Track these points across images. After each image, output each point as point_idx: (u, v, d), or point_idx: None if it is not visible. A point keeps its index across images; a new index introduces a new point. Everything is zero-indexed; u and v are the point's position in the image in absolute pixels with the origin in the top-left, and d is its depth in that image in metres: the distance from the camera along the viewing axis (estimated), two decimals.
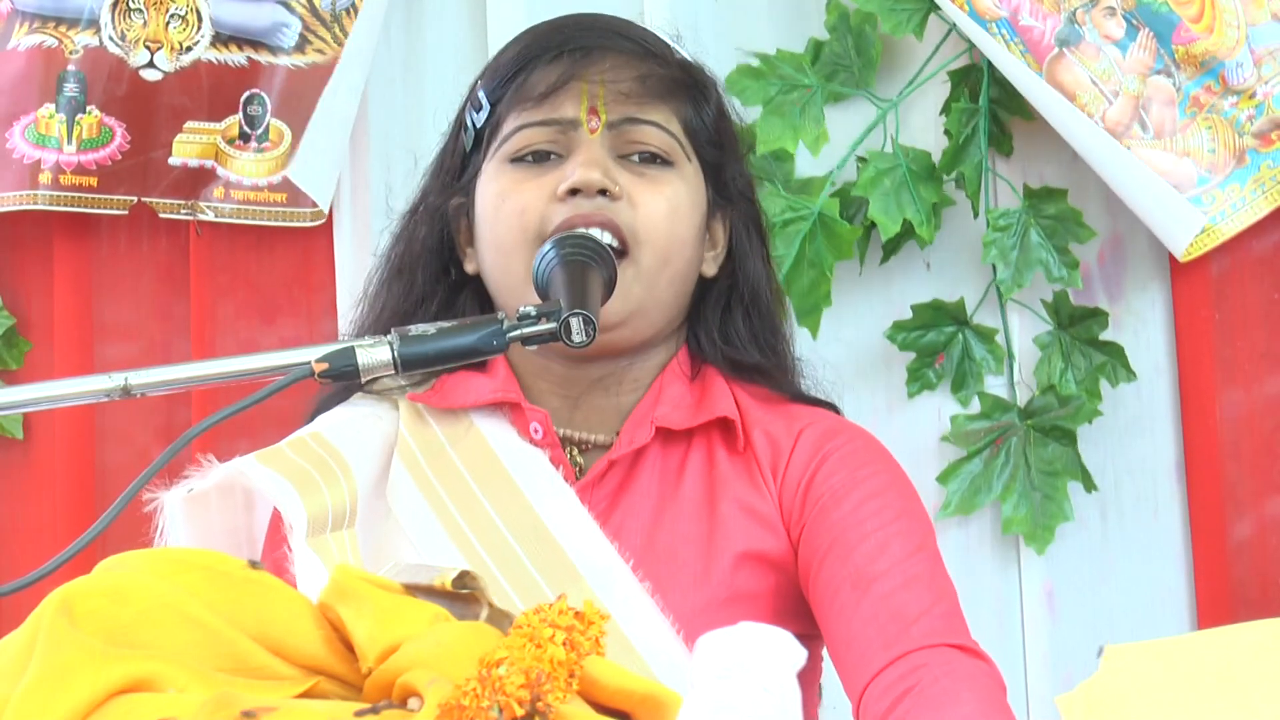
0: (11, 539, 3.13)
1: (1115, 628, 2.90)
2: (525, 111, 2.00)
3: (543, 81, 2.00)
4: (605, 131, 2.00)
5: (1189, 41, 2.83)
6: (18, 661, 1.36)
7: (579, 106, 2.00)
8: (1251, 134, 2.83)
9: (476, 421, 2.03)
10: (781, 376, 2.07)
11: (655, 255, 1.98)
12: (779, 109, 2.95)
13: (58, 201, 3.06)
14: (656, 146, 2.01)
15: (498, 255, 2.01)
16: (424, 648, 1.36)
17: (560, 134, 2.00)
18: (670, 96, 2.02)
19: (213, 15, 3.07)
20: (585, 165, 1.97)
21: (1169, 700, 1.34)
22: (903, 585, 1.90)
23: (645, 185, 2.00)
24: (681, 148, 2.02)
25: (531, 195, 1.98)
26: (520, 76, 2.01)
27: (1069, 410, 2.88)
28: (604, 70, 2.00)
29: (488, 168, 2.02)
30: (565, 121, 2.00)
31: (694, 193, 2.03)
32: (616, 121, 2.00)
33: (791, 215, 2.92)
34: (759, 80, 2.95)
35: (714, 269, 2.07)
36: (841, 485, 1.97)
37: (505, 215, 1.99)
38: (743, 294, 2.07)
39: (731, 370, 2.05)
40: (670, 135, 2.02)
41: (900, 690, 1.83)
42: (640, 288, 1.98)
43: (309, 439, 2.00)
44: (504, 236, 1.99)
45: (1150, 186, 2.81)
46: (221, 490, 1.97)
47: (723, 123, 2.08)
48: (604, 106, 1.99)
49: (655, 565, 1.94)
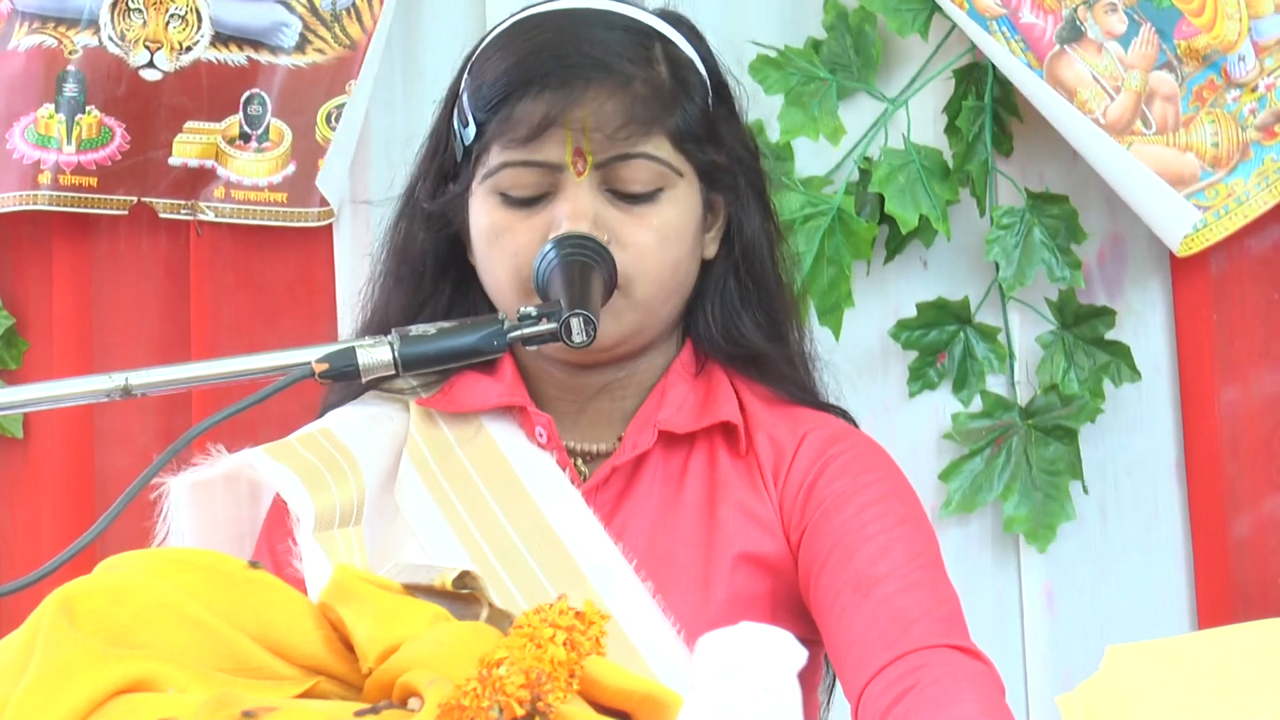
0: (11, 539, 3.13)
1: (1115, 627, 2.90)
2: (510, 150, 1.96)
3: (525, 122, 1.95)
4: (592, 173, 1.97)
5: (1191, 35, 2.82)
6: (18, 661, 1.36)
7: (564, 150, 1.96)
8: (1255, 127, 2.83)
9: (486, 424, 2.03)
10: (782, 371, 2.06)
11: (647, 287, 1.97)
12: (799, 99, 2.95)
13: (58, 202, 3.06)
14: (645, 180, 1.97)
15: (493, 285, 2.01)
16: (424, 648, 1.36)
17: (546, 175, 1.96)
18: (656, 121, 1.98)
19: (212, 15, 3.07)
20: (572, 217, 1.94)
21: (1169, 700, 1.34)
22: (904, 588, 1.90)
23: (634, 222, 1.96)
24: (672, 169, 1.98)
25: (523, 238, 1.96)
26: (506, 107, 1.96)
27: (1071, 410, 2.88)
28: (586, 109, 1.95)
29: (479, 189, 2.00)
30: (551, 165, 1.96)
31: (686, 208, 2.00)
32: (604, 162, 1.96)
33: (811, 211, 2.91)
34: (780, 70, 2.94)
35: (714, 249, 2.05)
36: (844, 491, 1.96)
37: (499, 254, 1.98)
38: (736, 261, 2.04)
39: (734, 363, 2.04)
40: (660, 163, 1.98)
41: (900, 690, 1.83)
42: (635, 315, 1.97)
43: (319, 435, 1.99)
44: (498, 273, 1.99)
45: (1147, 184, 2.81)
46: (228, 480, 1.98)
47: (710, 109, 2.03)
48: (589, 148, 1.95)
49: (656, 568, 1.94)
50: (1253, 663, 1.35)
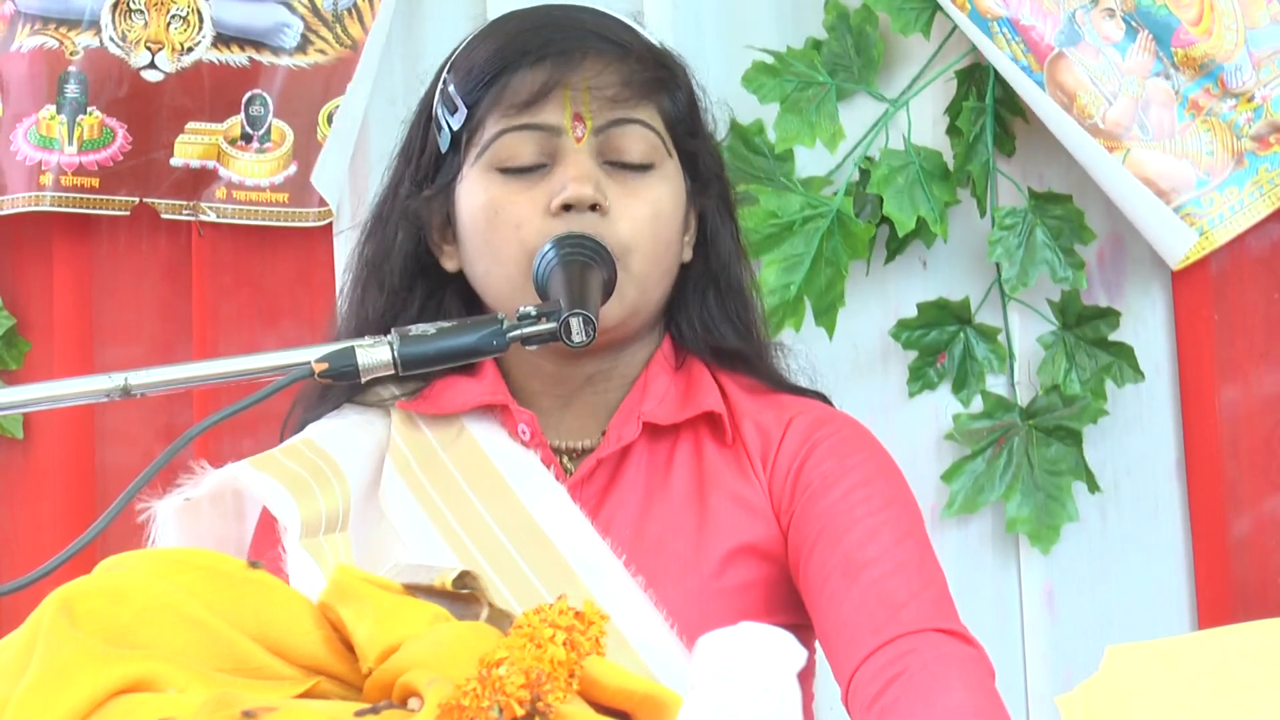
0: (11, 539, 3.13)
1: (1115, 627, 2.90)
2: (507, 116, 1.98)
3: (525, 88, 1.97)
4: (591, 138, 1.99)
5: (1188, 44, 2.83)
6: (18, 661, 1.36)
7: (563, 114, 1.98)
8: (1250, 137, 2.83)
9: (467, 425, 2.03)
10: (762, 363, 2.07)
11: (644, 260, 1.98)
12: (795, 106, 2.95)
13: (59, 202, 3.07)
14: (641, 151, 2.00)
15: (494, 265, 2.00)
16: (424, 648, 1.36)
17: (546, 140, 1.98)
18: (651, 94, 2.01)
19: (214, 16, 3.07)
20: (577, 180, 1.95)
21: (1169, 700, 1.34)
22: (892, 571, 1.90)
23: (630, 195, 1.98)
24: (664, 144, 2.01)
25: (525, 209, 1.97)
26: (500, 80, 1.98)
27: (1074, 410, 2.89)
28: (586, 74, 1.98)
29: (470, 173, 2.01)
30: (550, 128, 1.98)
31: (675, 191, 2.02)
32: (603, 126, 1.98)
33: (811, 213, 2.92)
34: (775, 77, 2.94)
35: (689, 253, 2.07)
36: (831, 473, 1.97)
37: (501, 229, 1.98)
38: (714, 273, 2.06)
39: (715, 359, 2.05)
40: (655, 134, 2.00)
41: (889, 675, 1.84)
42: (635, 291, 1.98)
43: (301, 445, 2.00)
44: (501, 250, 1.98)
45: (1143, 199, 2.82)
46: (213, 499, 1.97)
47: (694, 108, 2.07)
48: (589, 113, 1.98)
49: (644, 557, 1.94)
50: (1253, 663, 1.35)
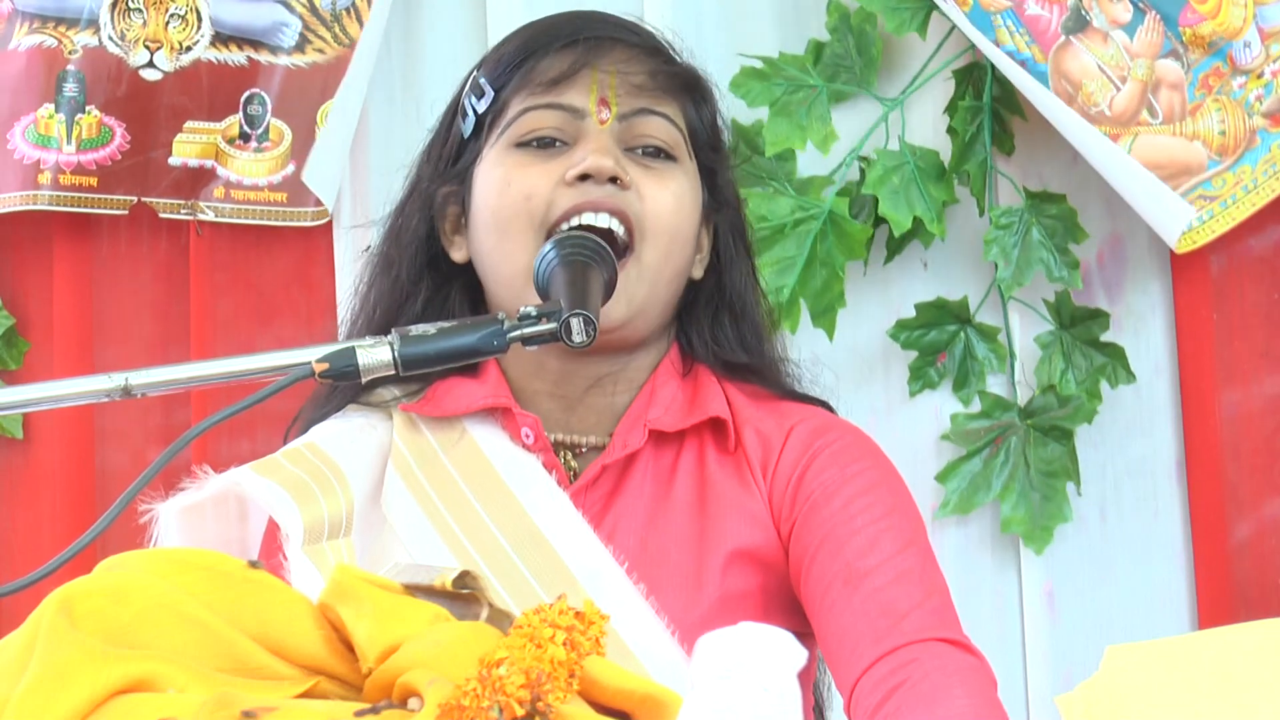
0: (11, 539, 3.13)
1: (1115, 628, 2.90)
2: (533, 95, 2.00)
3: (553, 68, 2.00)
4: (615, 123, 1.99)
5: (1196, 23, 2.82)
6: (18, 661, 1.36)
7: (589, 96, 1.99)
8: (1261, 114, 2.82)
9: (469, 428, 2.03)
10: (770, 372, 2.08)
11: (659, 250, 1.98)
12: (785, 110, 2.95)
13: (58, 202, 3.07)
14: (663, 140, 2.01)
15: (499, 240, 1.99)
16: (424, 648, 1.36)
17: (568, 121, 2.00)
18: (677, 94, 2.03)
19: (212, 15, 3.07)
20: (597, 152, 1.97)
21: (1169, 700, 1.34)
22: (894, 580, 1.90)
23: (652, 178, 2.00)
24: (685, 143, 2.03)
25: (538, 179, 1.98)
26: (529, 63, 2.01)
27: (1068, 410, 2.89)
28: (616, 61, 2.00)
29: (489, 154, 2.02)
30: (574, 109, 1.99)
31: (694, 190, 2.03)
32: (627, 113, 2.00)
33: (802, 215, 2.92)
34: (764, 82, 2.94)
35: (700, 272, 2.07)
36: (832, 482, 1.97)
37: (510, 199, 1.98)
38: (730, 301, 2.07)
39: (723, 369, 2.05)
40: (677, 129, 2.02)
41: (891, 685, 1.83)
42: (644, 287, 1.98)
43: (304, 449, 1.99)
44: (508, 220, 1.98)
45: (1144, 182, 2.81)
46: (216, 501, 1.97)
47: (717, 128, 2.09)
48: (615, 98, 1.99)
49: (649, 568, 1.94)
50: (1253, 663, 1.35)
